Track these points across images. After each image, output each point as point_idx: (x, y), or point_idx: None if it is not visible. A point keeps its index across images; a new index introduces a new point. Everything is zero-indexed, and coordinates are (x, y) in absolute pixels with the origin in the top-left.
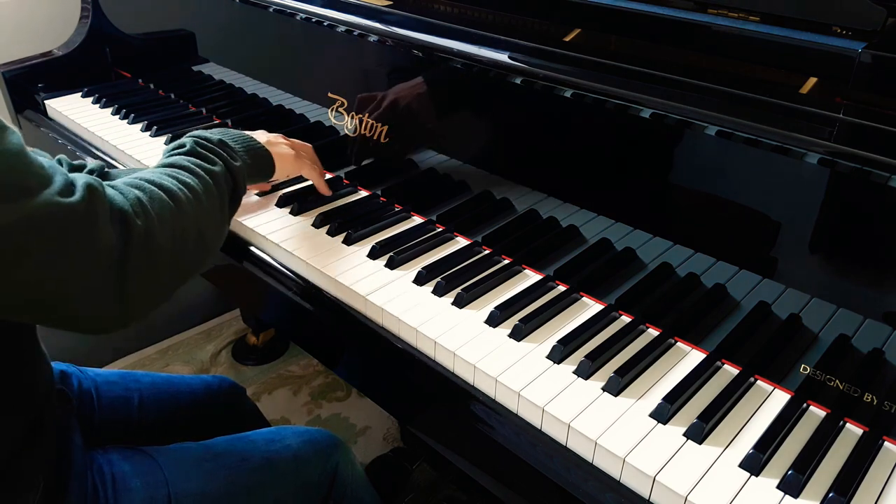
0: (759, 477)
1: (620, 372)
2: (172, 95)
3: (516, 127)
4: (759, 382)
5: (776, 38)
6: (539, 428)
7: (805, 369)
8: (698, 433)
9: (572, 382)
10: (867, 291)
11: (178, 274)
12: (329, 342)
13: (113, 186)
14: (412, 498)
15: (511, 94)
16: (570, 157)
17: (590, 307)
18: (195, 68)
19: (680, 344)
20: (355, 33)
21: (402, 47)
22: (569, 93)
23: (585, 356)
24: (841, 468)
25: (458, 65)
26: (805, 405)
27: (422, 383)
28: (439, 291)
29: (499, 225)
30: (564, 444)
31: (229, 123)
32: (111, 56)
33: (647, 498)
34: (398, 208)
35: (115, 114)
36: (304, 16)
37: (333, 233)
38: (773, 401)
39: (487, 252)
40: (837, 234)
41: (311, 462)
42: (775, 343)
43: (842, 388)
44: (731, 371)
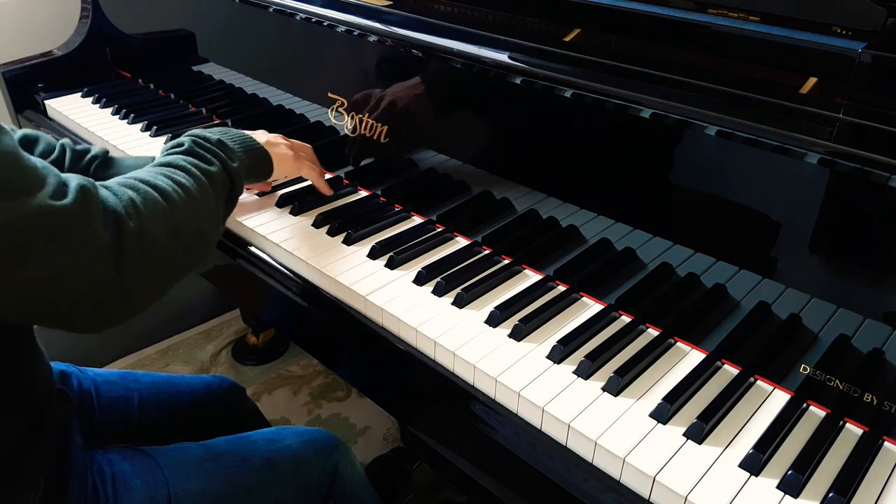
0: (759, 477)
1: (620, 372)
2: (172, 95)
3: (516, 127)
4: (759, 382)
5: (776, 38)
6: (539, 428)
7: (805, 369)
8: (698, 433)
9: (572, 382)
10: (867, 291)
11: (171, 273)
12: (329, 342)
13: (107, 187)
14: (412, 498)
15: (511, 94)
16: (570, 157)
17: (590, 307)
18: (195, 68)
19: (680, 344)
20: (355, 33)
21: (402, 47)
22: (569, 93)
23: (585, 356)
24: (841, 468)
25: (458, 65)
26: (805, 405)
27: (422, 383)
28: (439, 291)
29: (499, 225)
30: (564, 444)
31: (229, 123)
32: (111, 56)
33: (647, 498)
34: (398, 208)
35: (115, 114)
36: (304, 16)
37: (333, 233)
38: (773, 401)
39: (487, 252)
40: (837, 234)
41: (311, 462)
42: (775, 343)
43: (842, 388)
44: (731, 371)
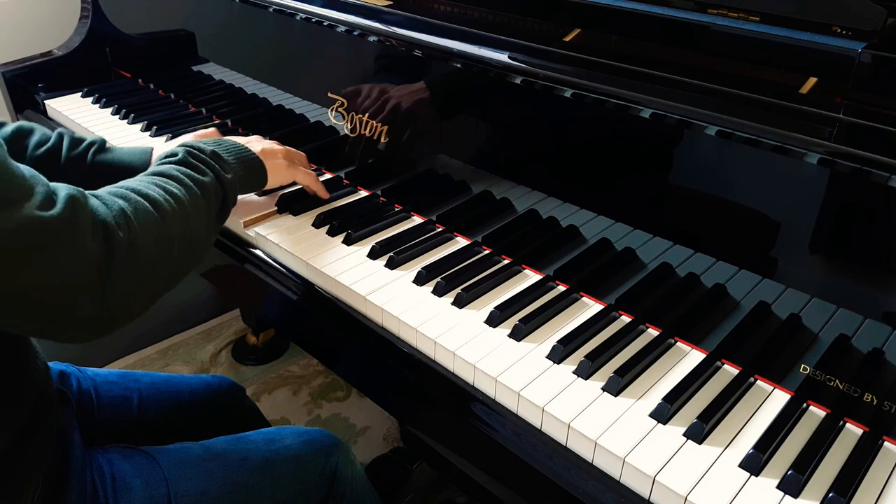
0: (759, 477)
1: (620, 372)
2: (172, 95)
3: (516, 127)
4: (759, 382)
5: (776, 38)
6: (539, 428)
7: (805, 369)
8: (698, 433)
9: (572, 382)
10: (867, 291)
11: (160, 283)
12: (329, 342)
13: (97, 196)
14: (412, 498)
15: (511, 94)
16: (570, 157)
17: (590, 307)
18: (195, 68)
19: (680, 344)
20: (355, 33)
21: (402, 47)
22: (569, 93)
23: (585, 356)
24: (841, 468)
25: (458, 65)
26: (805, 405)
27: (421, 383)
28: (439, 291)
29: (499, 225)
30: (564, 444)
31: (229, 123)
32: (111, 56)
33: (647, 498)
34: (398, 208)
35: (115, 114)
36: (304, 16)
37: (333, 233)
38: (773, 401)
39: (487, 252)
40: (837, 234)
41: (310, 462)
42: (775, 343)
43: (842, 388)
44: (731, 371)
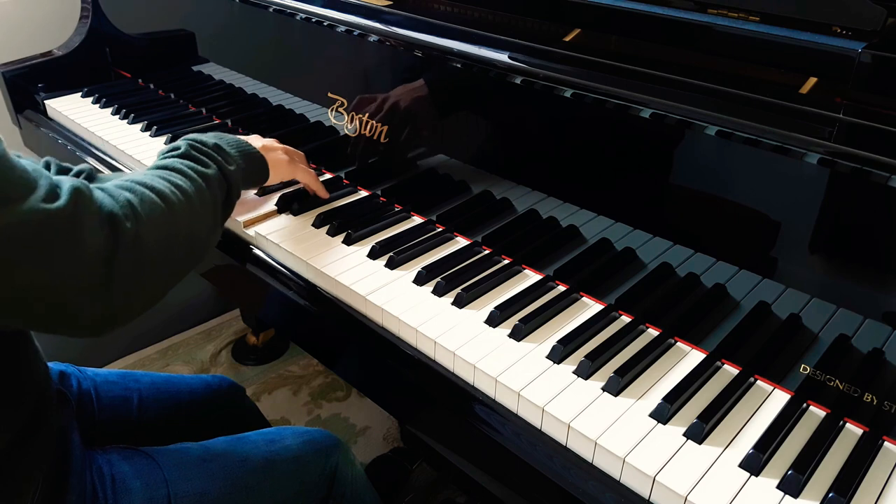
0: (759, 477)
1: (620, 372)
2: (172, 95)
3: (516, 127)
4: (759, 382)
5: (776, 38)
6: (539, 428)
7: (805, 369)
8: (698, 433)
9: (572, 382)
10: (867, 291)
11: (168, 276)
12: (329, 342)
13: (103, 189)
14: (412, 498)
15: (511, 94)
16: (570, 156)
17: (590, 307)
18: (195, 68)
19: (680, 344)
20: (355, 33)
21: (402, 47)
22: (569, 93)
23: (585, 356)
24: (841, 468)
25: (458, 65)
26: (805, 405)
27: (421, 383)
28: (439, 291)
29: (499, 225)
30: (564, 444)
31: (229, 123)
32: (111, 56)
33: (647, 498)
34: (398, 208)
35: (115, 114)
36: (304, 16)
37: (333, 233)
38: (773, 401)
39: (487, 252)
40: (837, 234)
41: (310, 462)
42: (775, 343)
43: (842, 388)
44: (731, 371)
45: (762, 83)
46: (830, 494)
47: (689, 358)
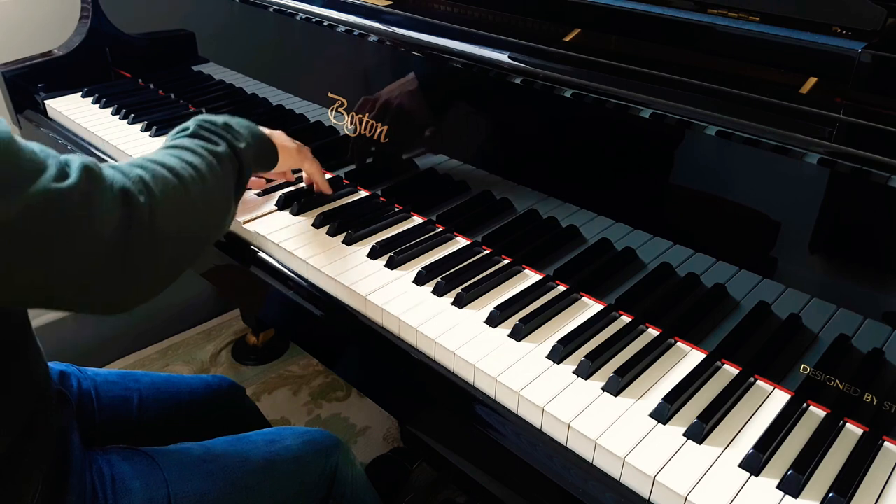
0: (759, 477)
1: (620, 372)
2: (172, 95)
3: (516, 127)
4: (759, 382)
5: (776, 38)
6: (539, 428)
7: (805, 369)
8: (698, 433)
9: (572, 382)
10: (867, 291)
11: (184, 252)
12: (329, 342)
13: (114, 167)
14: (412, 498)
15: (511, 94)
16: (570, 157)
17: (590, 307)
18: (195, 68)
19: (680, 344)
20: (355, 33)
21: (402, 47)
22: (569, 93)
23: (585, 356)
24: (841, 468)
25: (458, 65)
26: (805, 405)
27: (422, 383)
28: (439, 291)
29: (499, 225)
30: (564, 444)
31: None
32: (111, 56)
33: (647, 498)
34: (398, 208)
35: (115, 114)
36: (304, 16)
37: (333, 233)
38: (773, 401)
39: (487, 252)
40: (837, 234)
41: (310, 462)
42: (775, 343)
43: (842, 388)
44: (731, 371)
45: (762, 83)
46: (830, 494)
47: (689, 358)
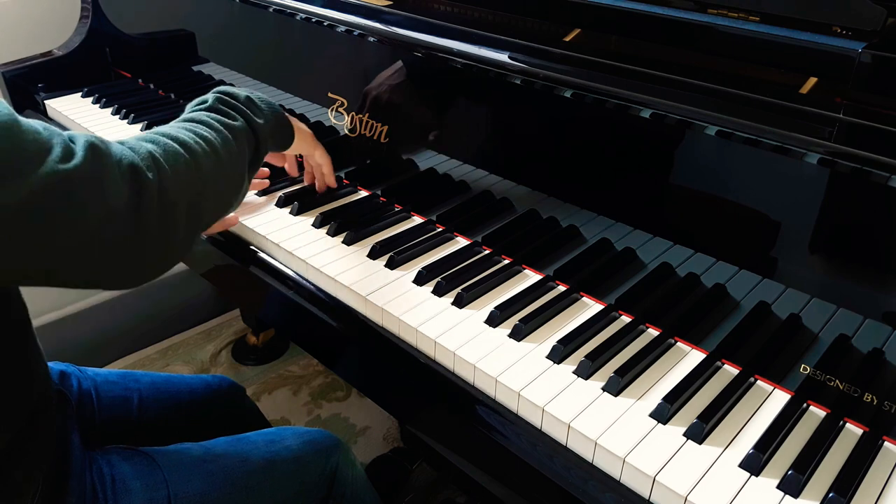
0: (759, 477)
1: (620, 372)
2: (172, 95)
3: (516, 127)
4: (759, 382)
5: (776, 38)
6: (539, 428)
7: (805, 369)
8: (698, 433)
9: (572, 382)
10: (867, 291)
11: (194, 228)
12: (329, 342)
13: (123, 142)
14: (412, 498)
15: (511, 94)
16: (570, 157)
17: (590, 307)
18: (195, 68)
19: (680, 344)
20: (355, 33)
21: (402, 47)
22: (569, 93)
23: (585, 356)
24: (841, 468)
25: (457, 65)
26: (805, 405)
27: (422, 383)
28: (439, 291)
29: (499, 225)
30: (564, 444)
31: None
32: (111, 56)
33: (647, 498)
34: (398, 208)
35: (115, 114)
36: (304, 16)
37: (333, 233)
38: (773, 401)
39: (487, 252)
40: (837, 234)
41: (311, 463)
42: (775, 343)
43: (842, 388)
44: (731, 371)
45: (762, 83)
46: (830, 494)
47: (689, 358)
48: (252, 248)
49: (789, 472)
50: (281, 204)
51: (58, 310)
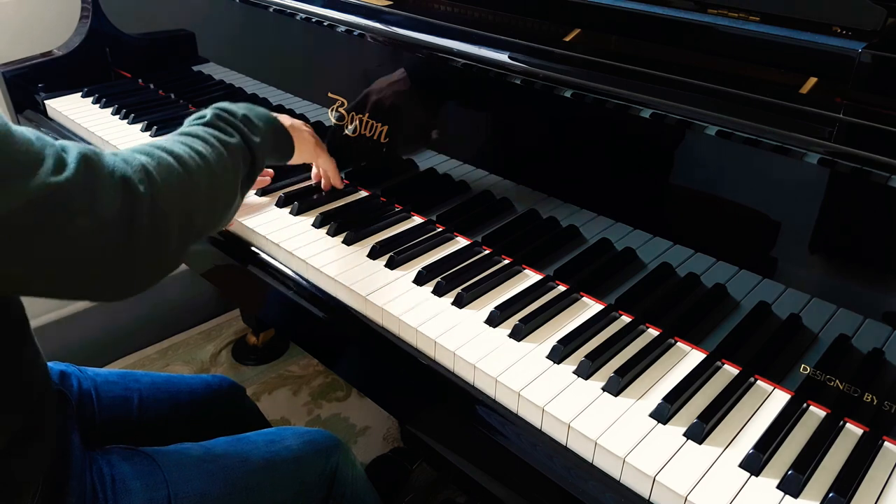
0: (759, 477)
1: (620, 372)
2: (172, 95)
3: (516, 127)
4: (759, 382)
5: (776, 38)
6: (539, 428)
7: (805, 369)
8: (698, 433)
9: (572, 382)
10: (867, 291)
11: (185, 241)
12: (329, 342)
13: (117, 154)
14: (412, 498)
15: (511, 94)
16: (570, 157)
17: (590, 307)
18: (195, 68)
19: (680, 344)
20: (355, 33)
21: (402, 47)
22: (569, 93)
23: (585, 356)
24: (841, 468)
25: (458, 65)
26: (805, 405)
27: (422, 383)
28: (439, 291)
29: (499, 225)
30: (564, 445)
31: None
32: (111, 56)
33: (647, 498)
34: (398, 208)
35: (115, 114)
36: (304, 16)
37: (333, 233)
38: (773, 401)
39: (487, 252)
40: (837, 234)
41: (311, 463)
42: (775, 343)
43: (842, 388)
44: (731, 371)
45: (762, 83)
46: (830, 494)
47: (689, 358)
48: (252, 248)
49: (789, 472)
50: (281, 204)
51: (58, 310)
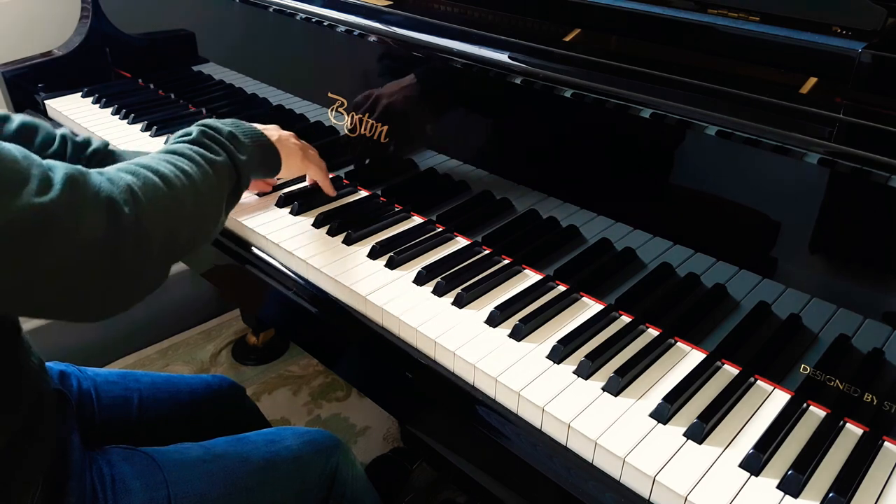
0: (759, 477)
1: (620, 372)
2: (172, 95)
3: (516, 127)
4: (759, 382)
5: (776, 38)
6: (539, 428)
7: (805, 369)
8: (698, 433)
9: (572, 382)
10: (867, 291)
11: (169, 260)
12: (329, 342)
13: (103, 173)
14: (412, 498)
15: (511, 94)
16: (570, 156)
17: (590, 307)
18: (195, 68)
19: (680, 344)
20: (355, 33)
21: (402, 47)
22: (569, 93)
23: (585, 356)
24: (841, 468)
25: (458, 65)
26: (805, 405)
27: (422, 383)
28: (439, 291)
29: (499, 225)
30: (564, 445)
31: None
32: (111, 56)
33: (647, 498)
34: (398, 208)
35: (115, 114)
36: (304, 16)
37: (333, 233)
38: (773, 401)
39: (487, 252)
40: (837, 234)
41: (311, 463)
42: (775, 343)
43: (842, 388)
44: (731, 371)
45: (762, 83)
46: (830, 494)
47: (689, 358)
48: (252, 247)
49: (789, 472)
50: (281, 204)
51: None
